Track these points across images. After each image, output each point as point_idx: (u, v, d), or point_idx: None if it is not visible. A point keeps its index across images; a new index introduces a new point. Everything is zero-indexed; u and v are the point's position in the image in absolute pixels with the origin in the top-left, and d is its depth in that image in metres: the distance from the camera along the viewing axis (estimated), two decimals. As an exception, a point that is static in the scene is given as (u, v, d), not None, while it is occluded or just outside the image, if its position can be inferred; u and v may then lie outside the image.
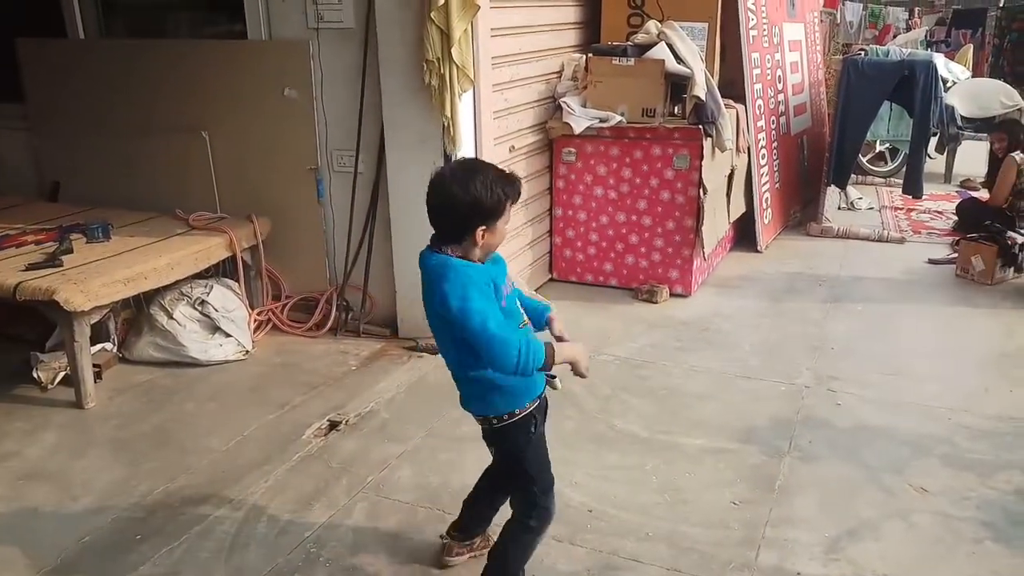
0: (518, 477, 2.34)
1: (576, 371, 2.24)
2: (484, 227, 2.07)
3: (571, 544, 2.74)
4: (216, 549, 2.74)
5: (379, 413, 3.64)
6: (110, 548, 2.77)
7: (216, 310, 4.26)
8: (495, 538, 2.49)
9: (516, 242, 4.86)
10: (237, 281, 4.47)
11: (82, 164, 5.08)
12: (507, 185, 2.10)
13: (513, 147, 4.64)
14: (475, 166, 2.15)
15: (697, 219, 4.85)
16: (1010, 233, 5.30)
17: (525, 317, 2.28)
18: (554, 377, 2.29)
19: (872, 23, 15.30)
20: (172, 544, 2.76)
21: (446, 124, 3.85)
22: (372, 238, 4.42)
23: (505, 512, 2.46)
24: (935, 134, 7.88)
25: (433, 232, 2.16)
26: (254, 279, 4.65)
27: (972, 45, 11.53)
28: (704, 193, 4.78)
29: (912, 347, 4.27)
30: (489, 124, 4.33)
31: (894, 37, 14.07)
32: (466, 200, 2.04)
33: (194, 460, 3.30)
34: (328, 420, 3.58)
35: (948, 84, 8.23)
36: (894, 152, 8.22)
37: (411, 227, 4.26)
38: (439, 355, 4.15)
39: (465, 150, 4.10)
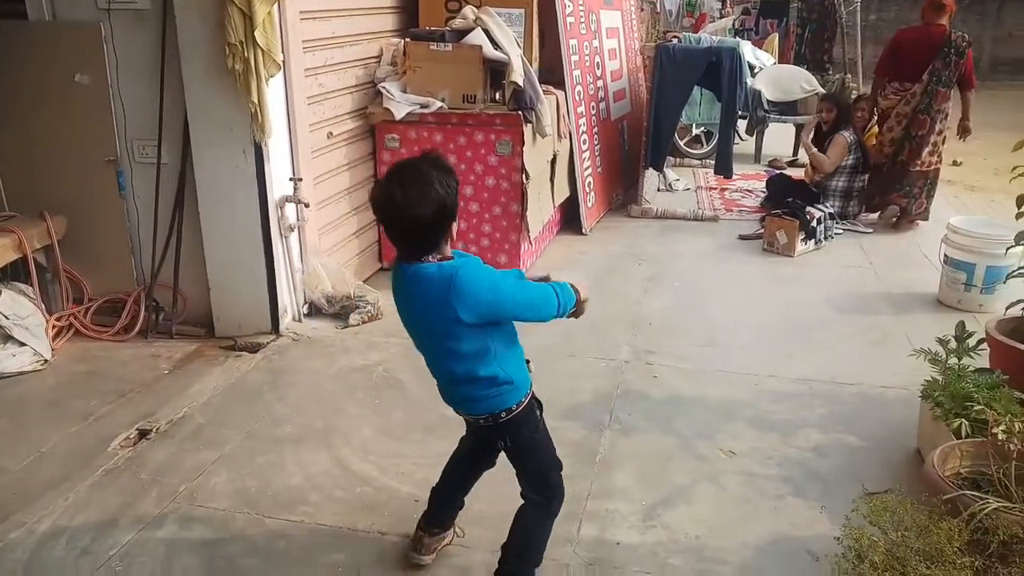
0: (532, 464, 2.35)
1: (580, 307, 2.32)
2: (453, 221, 2.09)
3: (397, 536, 2.70)
4: (5, 579, 2.50)
5: (193, 418, 3.45)
6: None
7: (6, 317, 3.90)
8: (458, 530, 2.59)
9: (340, 231, 4.75)
10: (30, 285, 4.11)
11: None
12: (450, 172, 2.07)
13: (331, 133, 4.51)
14: (418, 174, 2.01)
15: (522, 204, 4.91)
16: (809, 208, 5.71)
17: None
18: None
19: (689, 12, 16.05)
20: (-49, 579, 2.50)
21: (253, 111, 3.68)
22: (180, 232, 4.18)
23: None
24: (744, 117, 8.41)
25: (401, 248, 2.10)
26: (51, 282, 4.29)
27: (777, 34, 12.32)
28: (527, 178, 4.84)
29: (723, 319, 4.51)
30: (303, 110, 4.18)
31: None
32: (434, 213, 2.00)
33: (-18, 483, 3.00)
34: (137, 429, 3.36)
35: (756, 70, 8.77)
36: (709, 135, 8.66)
37: (221, 220, 4.07)
38: (258, 353, 4.06)
39: (276, 137, 3.94)
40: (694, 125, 8.50)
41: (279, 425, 3.40)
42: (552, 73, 5.72)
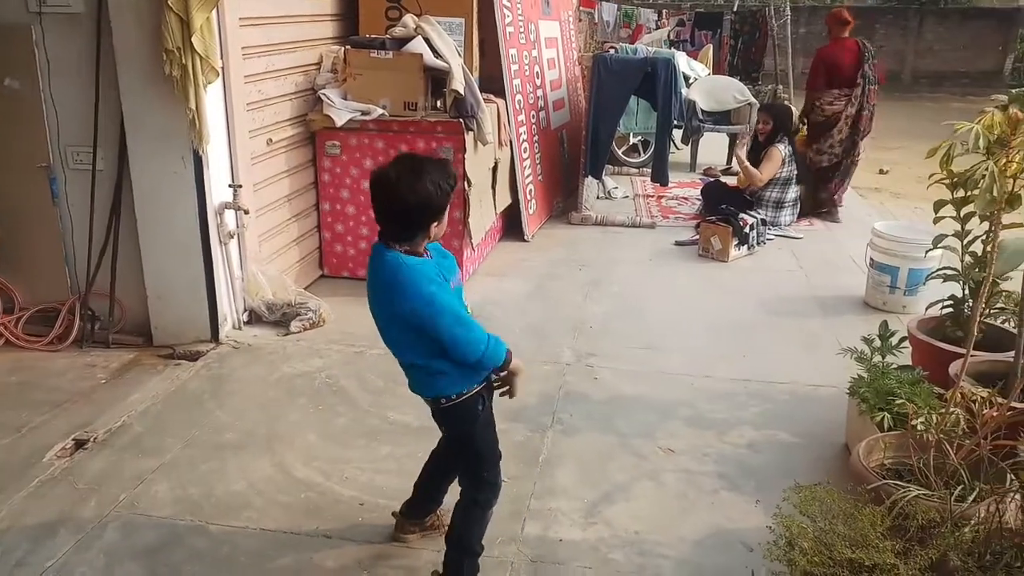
0: (466, 454, 2.42)
1: (511, 387, 2.35)
2: (436, 222, 2.17)
3: (342, 540, 2.71)
4: (-64, 595, 2.44)
5: (132, 427, 3.40)
6: None
7: (-67, 328, 3.79)
8: (447, 518, 2.55)
9: (281, 238, 4.73)
10: (-42, 294, 4.00)
11: None
12: (450, 177, 2.16)
13: (271, 140, 4.49)
14: (418, 166, 2.14)
15: (464, 211, 4.95)
16: (742, 215, 5.89)
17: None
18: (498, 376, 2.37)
19: (626, 23, 16.34)
20: None
21: (191, 117, 3.65)
22: (117, 240, 4.11)
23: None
24: (679, 126, 8.60)
25: (382, 228, 2.19)
26: (-20, 291, 4.18)
27: (711, 45, 12.64)
28: (469, 186, 4.89)
29: (660, 322, 4.63)
30: (243, 116, 4.17)
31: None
32: (417, 203, 2.10)
33: (-91, 498, 2.91)
34: (73, 439, 3.30)
35: (691, 80, 8.98)
36: (646, 144, 8.83)
37: (159, 227, 4.03)
38: (198, 361, 4.02)
39: (215, 144, 3.92)
40: (631, 134, 8.67)
41: (220, 432, 3.37)
42: (492, 82, 5.79)
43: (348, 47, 4.85)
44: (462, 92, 4.69)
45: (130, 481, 3.01)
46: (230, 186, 4.10)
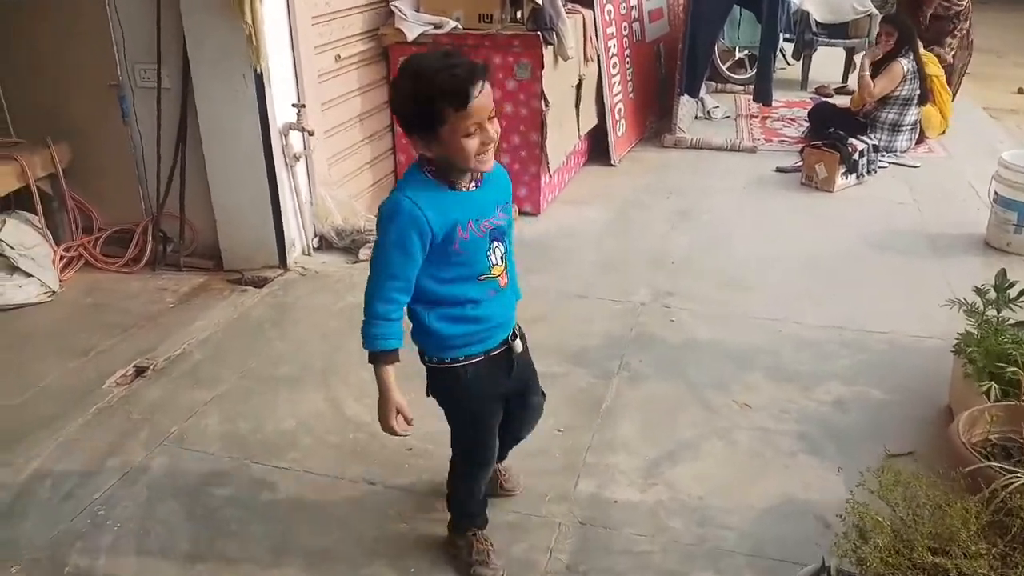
0: (451, 419, 2.19)
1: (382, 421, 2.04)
2: (429, 129, 1.78)
3: (385, 487, 2.60)
4: (-15, 521, 2.46)
5: (192, 355, 3.37)
6: None
7: (11, 247, 3.84)
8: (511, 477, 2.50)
9: (352, 161, 4.57)
10: (36, 214, 4.03)
11: None
12: (437, 71, 1.73)
13: (339, 56, 4.28)
14: (404, 63, 1.82)
15: (541, 134, 4.66)
16: (851, 140, 5.36)
17: (499, 269, 1.99)
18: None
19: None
20: (-66, 519, 2.47)
21: (248, 33, 3.47)
22: (184, 161, 4.04)
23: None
24: (791, 40, 7.92)
25: None
26: (58, 211, 4.20)
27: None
28: (547, 106, 4.58)
29: (750, 258, 4.26)
30: (307, 31, 3.96)
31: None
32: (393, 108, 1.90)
33: (-27, 419, 2.97)
34: (135, 366, 3.29)
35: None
36: (753, 59, 8.19)
37: (224, 148, 3.92)
38: (264, 287, 3.95)
39: (278, 61, 3.75)
40: (736, 48, 8.04)
41: (277, 364, 3.30)
42: (580, -9, 5.38)
43: (422, -45, 4.54)
44: (540, 2, 4.33)
45: (182, 412, 2.98)
46: (294, 105, 3.94)
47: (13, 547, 2.36)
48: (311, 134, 3.99)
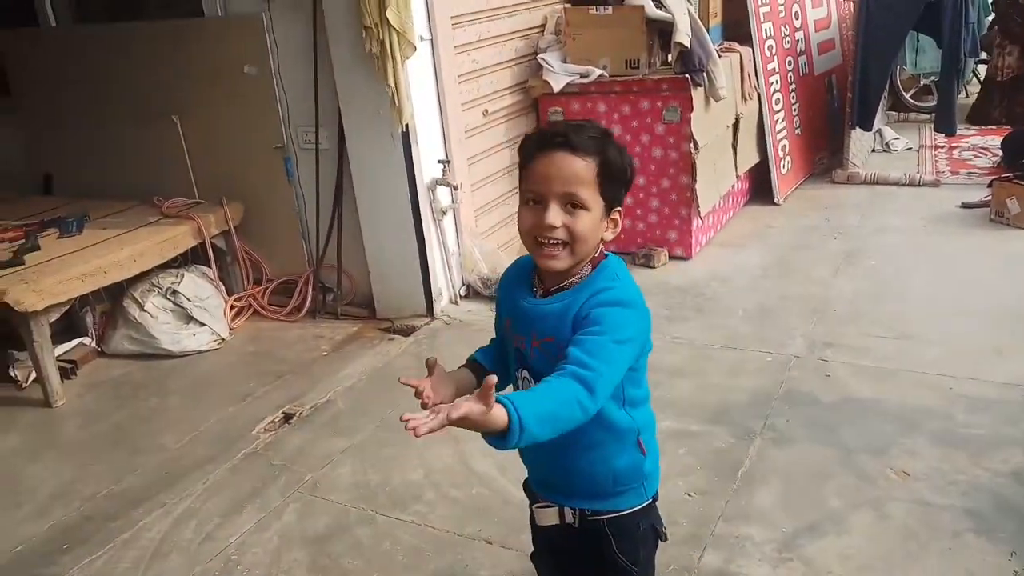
0: None
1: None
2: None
3: (501, 548, 2.54)
4: (137, 559, 2.64)
5: (335, 403, 3.49)
6: (39, 558, 2.70)
7: (188, 299, 4.18)
8: None
9: (499, 212, 4.62)
10: (211, 267, 4.37)
11: (70, 155, 5.03)
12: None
13: (487, 111, 4.37)
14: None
15: (692, 176, 4.50)
16: (1052, 170, 4.78)
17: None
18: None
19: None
20: (95, 555, 2.67)
21: (391, 95, 3.60)
22: (341, 217, 4.25)
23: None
24: (985, 61, 7.24)
25: None
26: (231, 264, 4.55)
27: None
28: (696, 148, 4.42)
29: (923, 306, 3.86)
30: (453, 89, 4.07)
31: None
32: None
33: (143, 460, 3.22)
34: (283, 412, 3.45)
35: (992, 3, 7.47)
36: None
37: (375, 203, 4.08)
38: (411, 336, 4.05)
39: (425, 119, 3.88)
40: (922, 75, 7.45)
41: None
42: (739, 27, 5.20)
43: (567, 5, 4.56)
44: (687, 44, 4.21)
45: (319, 461, 3.08)
46: (440, 161, 4.05)
47: (155, 586, 2.52)
48: (456, 188, 4.08)
